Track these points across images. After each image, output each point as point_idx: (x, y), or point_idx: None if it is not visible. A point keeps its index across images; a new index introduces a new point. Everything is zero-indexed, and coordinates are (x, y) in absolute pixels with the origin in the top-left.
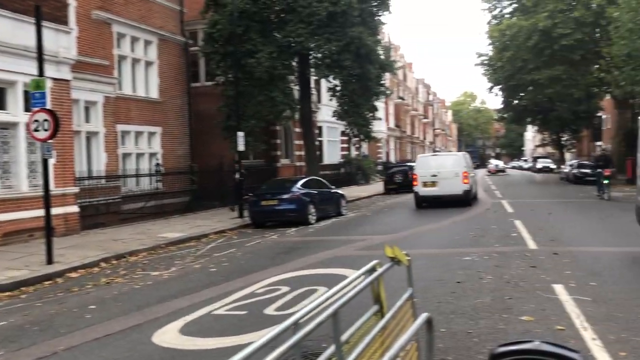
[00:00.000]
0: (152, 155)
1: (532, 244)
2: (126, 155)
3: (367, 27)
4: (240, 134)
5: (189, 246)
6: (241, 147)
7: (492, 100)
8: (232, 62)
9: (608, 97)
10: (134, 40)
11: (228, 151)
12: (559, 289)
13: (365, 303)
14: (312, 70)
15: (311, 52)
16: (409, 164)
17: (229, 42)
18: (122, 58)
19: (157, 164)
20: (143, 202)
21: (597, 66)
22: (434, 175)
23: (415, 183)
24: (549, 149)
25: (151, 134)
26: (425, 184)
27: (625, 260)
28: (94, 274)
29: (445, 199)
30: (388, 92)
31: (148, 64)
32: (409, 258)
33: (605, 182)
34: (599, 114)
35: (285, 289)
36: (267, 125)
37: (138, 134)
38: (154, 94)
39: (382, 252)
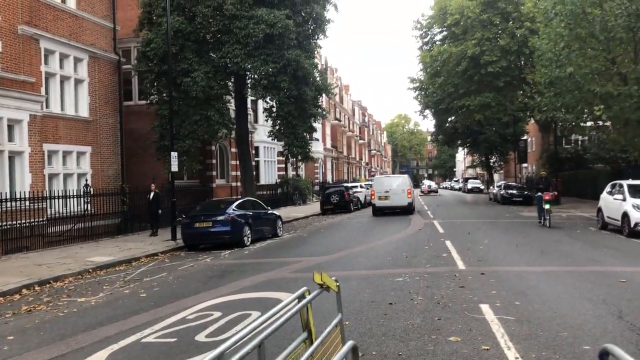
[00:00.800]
0: (81, 175)
1: (461, 264)
2: (53, 176)
3: (303, 50)
4: (174, 154)
5: (119, 270)
6: (174, 167)
7: (425, 122)
8: (166, 81)
9: (532, 121)
10: (64, 57)
11: (161, 172)
12: (485, 308)
13: (298, 328)
14: (249, 90)
15: (248, 73)
16: (345, 184)
17: (163, 60)
18: (50, 75)
19: (86, 185)
20: (71, 224)
21: (521, 92)
22: (387, 192)
23: (372, 197)
24: (479, 170)
25: (80, 153)
26: (380, 198)
27: (548, 280)
28: (14, 301)
29: (394, 209)
30: (325, 113)
31: (78, 81)
32: (337, 284)
33: (547, 206)
34: (524, 137)
35: (217, 314)
36: (202, 145)
37: (66, 153)
38: (84, 112)
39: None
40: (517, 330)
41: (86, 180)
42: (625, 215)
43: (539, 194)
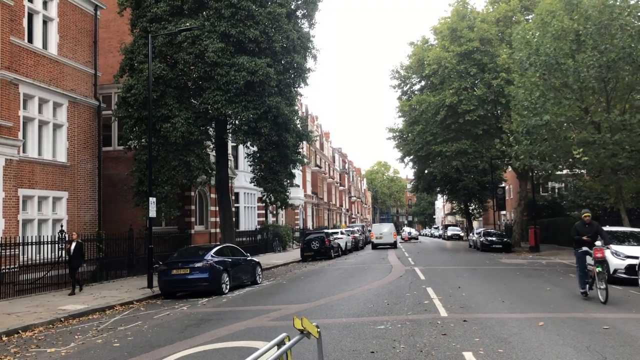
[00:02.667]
0: (56, 221)
1: (443, 312)
2: (27, 222)
3: (284, 97)
4: (152, 200)
5: (92, 319)
6: (152, 213)
7: (405, 170)
8: (146, 126)
9: (510, 169)
10: (43, 102)
11: (139, 218)
12: (468, 356)
13: None
14: (230, 135)
15: (229, 119)
16: (326, 230)
17: (143, 106)
18: (28, 119)
19: (61, 231)
20: (44, 271)
21: (499, 140)
22: (381, 234)
23: (372, 237)
24: (458, 217)
25: (57, 199)
26: (377, 238)
27: (531, 327)
28: None
29: (385, 245)
30: (305, 160)
31: (57, 126)
32: (318, 330)
33: (598, 269)
34: (502, 185)
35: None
36: (181, 191)
37: (42, 198)
38: (62, 157)
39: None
40: None
41: (61, 226)
42: (604, 262)
43: (584, 248)
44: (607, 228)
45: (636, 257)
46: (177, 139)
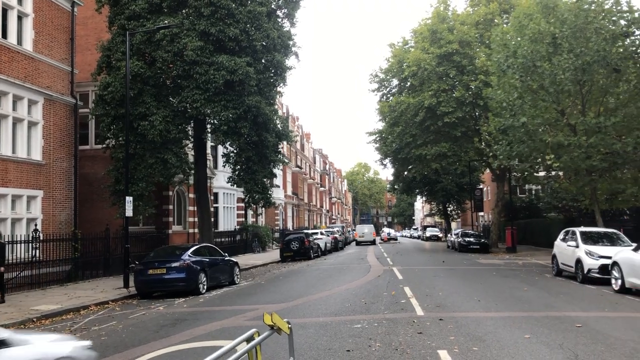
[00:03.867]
0: (30, 220)
1: (419, 311)
2: (0, 221)
3: (264, 97)
4: (129, 199)
5: (65, 319)
6: (129, 212)
7: (385, 171)
8: (123, 124)
9: (488, 170)
10: (17, 99)
11: (116, 217)
12: (443, 354)
13: None
14: (209, 135)
15: (207, 118)
16: (305, 231)
17: (120, 104)
18: (2, 117)
19: (35, 230)
20: (17, 271)
21: (477, 139)
22: (363, 233)
23: (356, 235)
24: (437, 219)
25: (31, 197)
26: (360, 236)
27: (505, 325)
28: None
29: (367, 242)
30: (285, 160)
31: (32, 124)
32: (290, 326)
33: None
34: (480, 186)
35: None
36: (159, 190)
37: (16, 197)
38: (37, 155)
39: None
40: None
41: (35, 225)
42: (578, 262)
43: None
44: (582, 229)
45: (609, 257)
46: (155, 137)
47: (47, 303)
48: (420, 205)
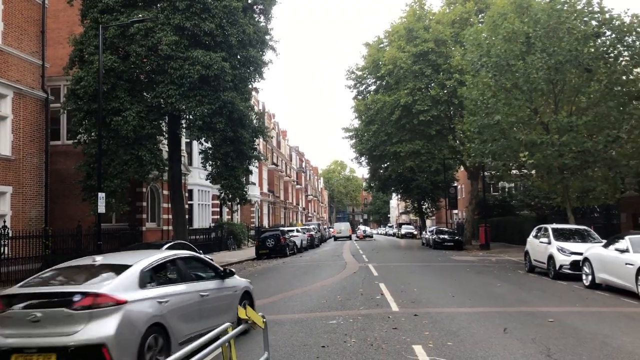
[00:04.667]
0: None
1: (394, 306)
2: None
3: (239, 93)
4: (101, 195)
5: None
6: (101, 209)
7: (361, 169)
8: (95, 119)
9: (462, 169)
10: None
11: (88, 214)
12: (418, 349)
13: None
14: (184, 131)
15: (182, 114)
16: (281, 228)
17: (93, 99)
18: None
19: (4, 227)
20: None
21: (452, 137)
22: (340, 230)
23: (334, 232)
24: (412, 216)
25: (0, 193)
26: (337, 232)
27: (479, 320)
28: None
29: (344, 238)
30: (262, 157)
31: (1, 118)
32: (264, 320)
33: None
34: (454, 184)
35: None
36: (132, 186)
37: None
38: (6, 150)
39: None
40: None
41: (4, 221)
42: (550, 258)
43: None
44: (554, 226)
45: (580, 254)
46: (129, 132)
47: None
48: (395, 203)
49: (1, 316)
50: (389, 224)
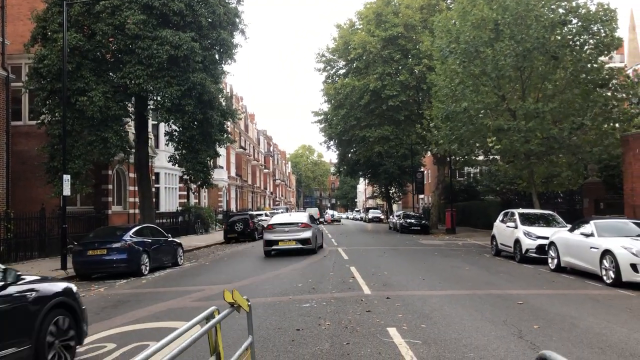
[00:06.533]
0: None
1: (366, 289)
2: None
3: (209, 74)
4: (66, 177)
5: None
6: (67, 191)
7: (328, 154)
8: (59, 99)
9: (429, 154)
10: None
11: (52, 196)
12: (392, 332)
13: (204, 352)
14: (152, 113)
15: (150, 95)
16: (250, 212)
17: (57, 78)
18: None
19: None
20: None
21: (419, 125)
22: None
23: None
24: (379, 201)
25: None
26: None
27: (450, 303)
28: None
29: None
30: (231, 139)
31: None
32: (249, 304)
33: None
34: (421, 170)
35: (111, 346)
36: (97, 169)
37: None
38: None
39: (220, 302)
40: (425, 352)
41: None
42: (517, 242)
43: None
44: (520, 210)
45: (546, 238)
46: (95, 113)
47: None
48: (362, 188)
49: (272, 230)
50: (356, 209)
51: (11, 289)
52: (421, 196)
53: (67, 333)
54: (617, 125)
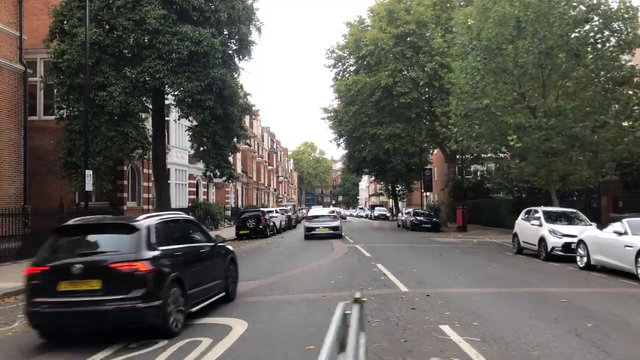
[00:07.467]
0: None
1: (402, 287)
2: None
3: (229, 69)
4: (88, 172)
5: None
6: (88, 186)
7: (330, 151)
8: (80, 94)
9: (436, 152)
10: None
11: (67, 191)
12: (446, 329)
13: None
14: (173, 108)
15: (169, 90)
16: (262, 209)
17: (76, 73)
18: None
19: None
20: None
21: (438, 123)
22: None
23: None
24: (382, 198)
25: None
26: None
27: (492, 301)
28: None
29: None
30: (247, 136)
31: None
32: (365, 299)
33: None
34: (429, 167)
35: (162, 342)
36: (114, 165)
37: None
38: None
39: (258, 298)
40: (489, 350)
41: None
42: (542, 240)
43: None
44: (544, 208)
45: (572, 236)
46: (114, 108)
47: (5, 281)
48: (365, 185)
49: (310, 220)
50: (359, 206)
51: (218, 247)
52: (427, 194)
53: (234, 277)
54: (637, 123)
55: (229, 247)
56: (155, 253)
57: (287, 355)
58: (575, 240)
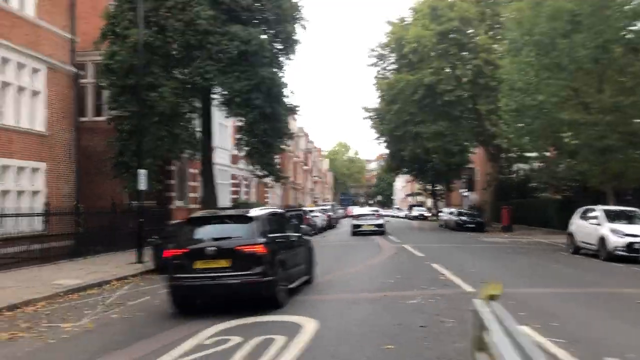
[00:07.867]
0: (34, 193)
1: (466, 286)
2: (5, 193)
3: (277, 68)
4: (143, 172)
5: (93, 294)
6: (143, 185)
7: (364, 151)
8: (133, 94)
9: (477, 151)
10: (20, 66)
11: (118, 190)
12: (527, 330)
13: None
14: (223, 107)
15: (217, 90)
16: (303, 208)
17: (127, 74)
18: (5, 85)
19: (47, 203)
20: (24, 245)
21: (488, 121)
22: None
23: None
24: (419, 198)
25: (35, 170)
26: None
27: (565, 301)
28: None
29: None
30: (294, 134)
31: (35, 93)
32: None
33: None
34: (471, 166)
35: (237, 339)
36: (162, 164)
37: (20, 169)
38: (41, 126)
39: (318, 297)
40: (578, 352)
41: (47, 199)
42: (602, 240)
43: None
44: (604, 207)
45: (636, 235)
46: (165, 109)
47: (66, 278)
48: (400, 185)
49: (357, 218)
50: (395, 206)
51: (304, 238)
52: (465, 193)
53: (312, 263)
54: None
55: (308, 238)
56: (267, 239)
57: (366, 354)
58: (639, 240)
